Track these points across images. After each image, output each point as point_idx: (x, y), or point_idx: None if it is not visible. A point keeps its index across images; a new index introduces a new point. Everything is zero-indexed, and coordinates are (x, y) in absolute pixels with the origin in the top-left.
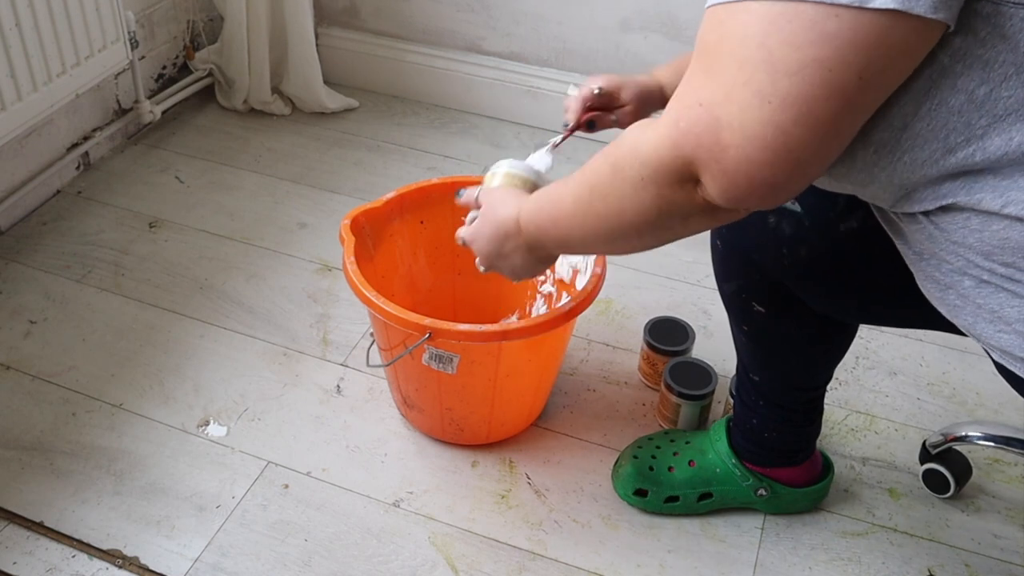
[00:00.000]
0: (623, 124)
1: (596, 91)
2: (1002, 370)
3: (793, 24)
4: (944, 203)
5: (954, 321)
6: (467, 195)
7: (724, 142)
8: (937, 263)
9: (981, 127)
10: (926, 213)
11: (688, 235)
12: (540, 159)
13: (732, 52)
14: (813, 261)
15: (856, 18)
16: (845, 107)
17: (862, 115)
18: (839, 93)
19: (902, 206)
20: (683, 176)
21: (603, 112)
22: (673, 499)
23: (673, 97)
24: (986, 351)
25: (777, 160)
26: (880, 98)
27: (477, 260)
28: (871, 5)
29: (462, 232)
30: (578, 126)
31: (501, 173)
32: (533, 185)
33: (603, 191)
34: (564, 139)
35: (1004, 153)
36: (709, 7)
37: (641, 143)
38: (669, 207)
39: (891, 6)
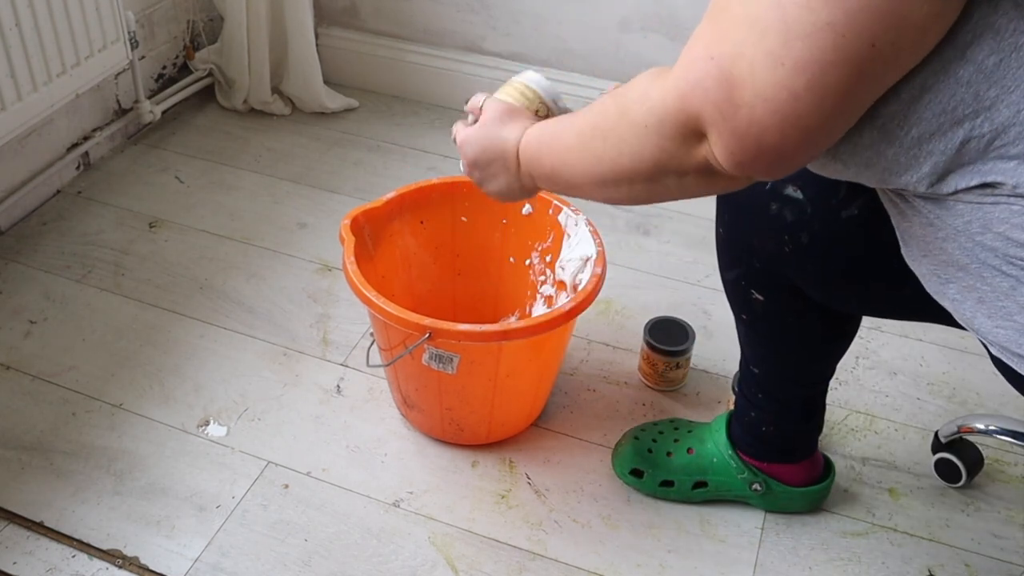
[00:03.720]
0: None
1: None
2: (999, 364)
3: None
4: (957, 187)
5: (954, 315)
6: (474, 100)
7: (736, 100)
8: (938, 253)
9: (989, 99)
10: (934, 199)
11: (680, 196)
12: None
13: (746, 8)
14: (814, 248)
15: None
16: (856, 76)
17: (873, 88)
18: (851, 60)
19: (914, 188)
20: (688, 130)
21: None
22: (668, 483)
23: (684, 49)
24: (984, 345)
25: (786, 126)
26: (890, 72)
27: (461, 163)
28: None
29: (457, 132)
30: None
31: (520, 82)
32: (545, 109)
33: (605, 131)
34: None
35: (1012, 124)
36: None
37: (651, 91)
38: (668, 160)
39: None
